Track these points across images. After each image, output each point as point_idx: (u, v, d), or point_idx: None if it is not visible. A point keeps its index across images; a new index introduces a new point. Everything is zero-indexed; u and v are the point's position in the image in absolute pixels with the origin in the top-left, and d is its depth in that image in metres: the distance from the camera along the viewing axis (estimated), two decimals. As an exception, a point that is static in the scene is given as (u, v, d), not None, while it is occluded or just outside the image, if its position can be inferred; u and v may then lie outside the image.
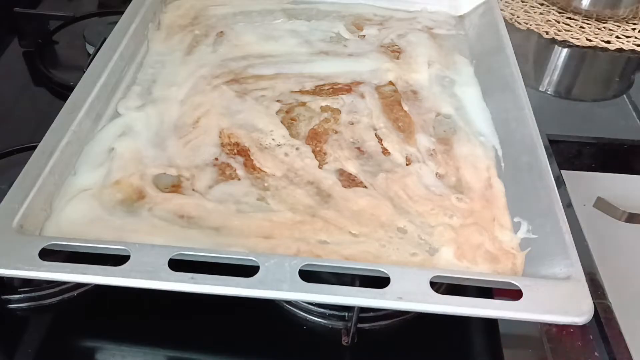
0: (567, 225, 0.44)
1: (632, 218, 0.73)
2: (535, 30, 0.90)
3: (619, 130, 0.75)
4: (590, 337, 0.46)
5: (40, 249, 0.40)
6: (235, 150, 0.55)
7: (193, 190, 0.50)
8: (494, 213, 0.49)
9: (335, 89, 0.63)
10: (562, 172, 0.63)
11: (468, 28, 0.75)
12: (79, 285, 0.48)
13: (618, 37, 0.90)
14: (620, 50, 0.88)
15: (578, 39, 0.89)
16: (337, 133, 0.57)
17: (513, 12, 0.93)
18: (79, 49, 0.76)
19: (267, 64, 0.66)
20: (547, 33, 0.89)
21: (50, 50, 0.77)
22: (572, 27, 0.91)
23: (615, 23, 0.93)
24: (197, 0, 0.76)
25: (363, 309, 0.45)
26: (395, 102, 0.62)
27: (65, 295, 0.48)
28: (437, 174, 0.53)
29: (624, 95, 0.82)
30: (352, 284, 0.41)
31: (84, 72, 0.58)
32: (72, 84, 0.57)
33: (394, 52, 0.70)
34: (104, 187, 0.49)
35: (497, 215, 0.49)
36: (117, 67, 0.60)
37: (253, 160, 0.53)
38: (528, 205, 0.48)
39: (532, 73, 0.83)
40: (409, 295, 0.38)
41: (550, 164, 0.50)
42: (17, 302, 0.47)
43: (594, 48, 0.88)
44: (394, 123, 0.59)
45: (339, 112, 0.60)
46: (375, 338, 0.47)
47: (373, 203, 0.49)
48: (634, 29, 0.92)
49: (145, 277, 0.39)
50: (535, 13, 0.94)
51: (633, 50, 0.88)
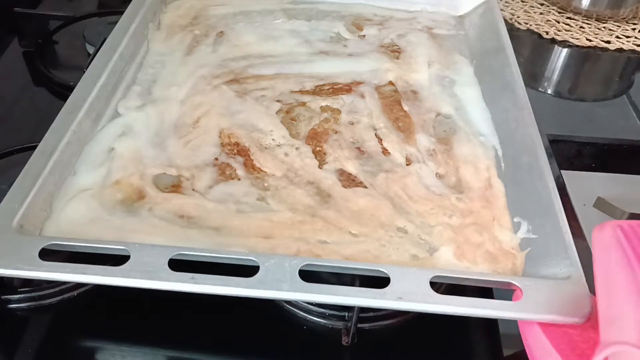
0: (567, 225, 0.44)
1: (632, 218, 0.73)
2: (535, 30, 0.90)
3: (619, 130, 0.75)
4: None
5: (40, 249, 0.40)
6: (235, 150, 0.55)
7: (193, 190, 0.50)
8: (494, 213, 0.49)
9: (335, 89, 0.63)
10: (562, 172, 0.63)
11: (468, 28, 0.75)
12: (79, 285, 0.47)
13: (618, 37, 0.90)
14: (620, 50, 0.88)
15: (578, 39, 0.89)
16: (337, 133, 0.57)
17: (513, 12, 0.93)
18: (79, 49, 0.75)
19: (267, 64, 0.66)
20: (547, 33, 0.89)
21: (50, 50, 0.77)
22: (572, 27, 0.91)
23: (615, 23, 0.93)
24: (197, 0, 0.76)
25: (363, 309, 0.45)
26: (395, 102, 0.62)
27: (65, 295, 0.47)
28: (437, 174, 0.53)
29: (624, 95, 0.82)
30: (352, 284, 0.41)
31: (84, 72, 0.58)
32: (72, 84, 0.57)
33: (394, 52, 0.70)
34: (104, 187, 0.49)
35: (497, 215, 0.49)
36: (117, 67, 0.60)
37: (253, 160, 0.53)
38: (528, 205, 0.48)
39: (532, 73, 0.83)
40: (409, 295, 0.38)
41: (550, 164, 0.50)
42: (17, 302, 0.47)
43: (594, 48, 0.88)
44: (394, 123, 0.59)
45: (339, 112, 0.60)
46: (375, 338, 0.47)
47: (373, 203, 0.49)
48: (634, 29, 0.92)
49: (145, 277, 0.39)
50: (535, 13, 0.94)
51: (633, 50, 0.88)
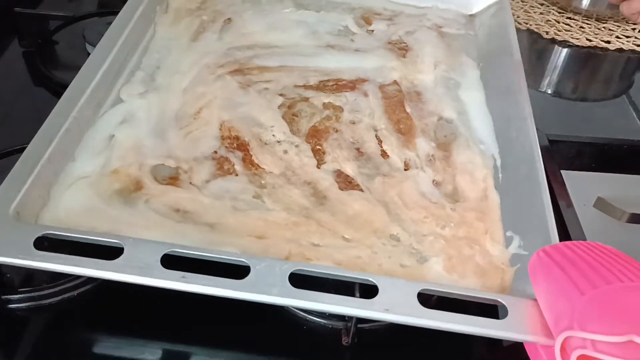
0: (558, 245, 0.44)
1: (632, 218, 0.74)
2: (535, 30, 0.90)
3: (619, 130, 0.75)
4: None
5: (36, 238, 0.40)
6: (235, 145, 0.55)
7: (190, 184, 0.50)
8: (487, 226, 0.49)
9: (339, 86, 0.63)
10: (562, 172, 0.63)
11: (478, 28, 0.75)
12: (79, 285, 0.48)
13: (618, 37, 0.89)
14: (620, 50, 0.88)
15: (578, 39, 0.88)
16: (337, 132, 0.57)
17: (513, 12, 0.91)
18: (79, 49, 0.75)
19: (272, 55, 0.66)
20: (547, 33, 0.89)
21: (50, 50, 0.76)
22: (572, 27, 0.91)
23: (615, 23, 0.93)
24: (206, -17, 0.76)
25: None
26: (398, 102, 0.62)
27: (65, 295, 0.47)
28: (434, 181, 0.53)
29: (624, 95, 0.82)
30: (344, 290, 0.41)
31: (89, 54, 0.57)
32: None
33: (401, 49, 0.69)
34: (102, 175, 0.49)
35: (490, 228, 0.49)
36: (121, 51, 0.60)
37: (252, 156, 0.53)
38: (521, 220, 0.48)
39: (532, 73, 0.83)
40: (396, 308, 0.39)
41: (551, 164, 0.49)
42: (17, 302, 0.47)
43: (594, 48, 0.88)
44: (395, 125, 0.59)
45: (341, 109, 0.60)
46: (375, 338, 0.47)
47: (368, 208, 0.49)
48: (634, 29, 0.91)
49: (137, 273, 0.39)
50: (535, 13, 0.93)
51: (633, 50, 0.88)
